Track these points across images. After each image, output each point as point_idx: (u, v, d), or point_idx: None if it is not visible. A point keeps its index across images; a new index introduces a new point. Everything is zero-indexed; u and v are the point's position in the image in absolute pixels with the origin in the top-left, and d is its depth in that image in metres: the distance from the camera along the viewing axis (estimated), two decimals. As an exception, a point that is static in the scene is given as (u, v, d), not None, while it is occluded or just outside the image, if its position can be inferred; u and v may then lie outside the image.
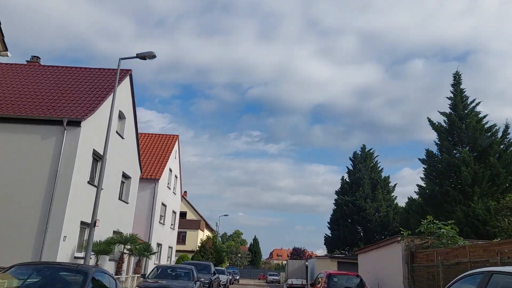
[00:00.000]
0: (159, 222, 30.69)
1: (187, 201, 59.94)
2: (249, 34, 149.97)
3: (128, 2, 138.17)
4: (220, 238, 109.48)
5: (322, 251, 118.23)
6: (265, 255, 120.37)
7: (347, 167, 49.12)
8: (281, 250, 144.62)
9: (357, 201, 43.98)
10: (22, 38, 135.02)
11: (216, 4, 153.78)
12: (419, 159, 25.75)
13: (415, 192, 25.68)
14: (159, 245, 31.15)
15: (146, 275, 14.48)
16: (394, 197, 46.04)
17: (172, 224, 35.56)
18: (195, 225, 54.22)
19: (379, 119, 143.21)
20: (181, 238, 54.22)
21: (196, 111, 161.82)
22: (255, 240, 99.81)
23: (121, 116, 20.16)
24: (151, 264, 26.26)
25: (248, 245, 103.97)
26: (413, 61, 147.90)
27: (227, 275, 31.15)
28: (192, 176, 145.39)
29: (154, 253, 22.69)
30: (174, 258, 37.41)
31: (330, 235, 46.96)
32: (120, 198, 20.73)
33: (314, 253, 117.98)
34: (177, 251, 49.77)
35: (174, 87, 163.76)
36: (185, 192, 63.90)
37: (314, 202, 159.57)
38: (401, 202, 45.94)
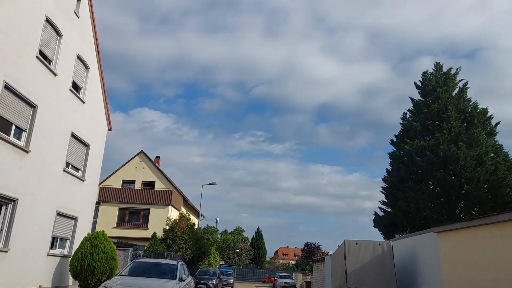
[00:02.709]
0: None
1: (158, 169, 40.58)
2: (254, 31, 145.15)
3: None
4: (219, 236, 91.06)
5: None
6: (269, 254, 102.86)
7: (410, 98, 29.65)
8: (287, 248, 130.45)
9: (441, 147, 24.41)
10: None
11: (221, 0, 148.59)
12: None
13: None
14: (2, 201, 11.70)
15: None
16: (496, 143, 26.38)
17: (73, 167, 16.13)
18: (165, 198, 34.76)
19: (385, 118, 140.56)
20: (142, 219, 34.75)
21: (200, 110, 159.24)
22: (259, 233, 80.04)
23: None
24: None
25: (249, 242, 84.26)
26: (421, 59, 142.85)
27: (184, 278, 11.91)
28: (196, 176, 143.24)
29: None
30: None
31: (388, 209, 27.44)
32: None
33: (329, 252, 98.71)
34: (131, 238, 30.57)
35: (178, 86, 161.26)
36: (158, 157, 44.83)
37: (318, 203, 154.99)
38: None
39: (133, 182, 38.19)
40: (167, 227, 29.99)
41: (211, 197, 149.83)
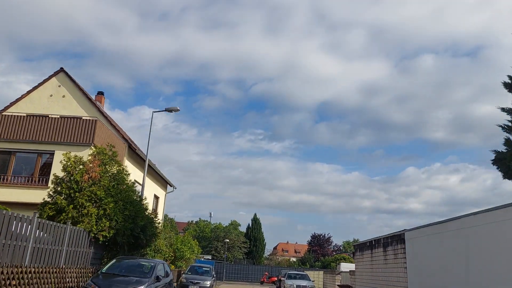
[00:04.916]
0: None
1: (90, 100, 25.12)
2: (255, 27, 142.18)
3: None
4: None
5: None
6: (267, 248, 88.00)
7: None
8: (287, 244, 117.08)
9: None
10: (23, 32, 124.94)
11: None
12: None
13: None
14: None
15: None
16: None
17: None
18: (82, 132, 19.08)
19: (385, 117, 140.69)
20: (39, 170, 19.22)
21: (199, 108, 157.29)
22: (256, 220, 64.42)
23: None
24: None
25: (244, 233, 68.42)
26: (423, 57, 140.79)
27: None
28: (195, 175, 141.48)
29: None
30: None
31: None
32: None
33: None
34: (17, 204, 15.03)
35: (177, 83, 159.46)
36: (101, 93, 29.70)
37: (316, 201, 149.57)
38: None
39: (45, 117, 22.51)
40: (63, 174, 14.39)
41: (209, 195, 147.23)
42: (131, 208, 14.83)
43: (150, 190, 29.38)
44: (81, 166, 14.36)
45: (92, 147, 15.54)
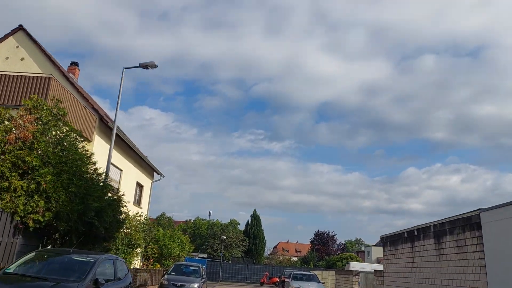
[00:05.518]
0: None
1: (53, 62, 20.97)
2: (255, 27, 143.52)
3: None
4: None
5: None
6: (268, 247, 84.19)
7: None
8: (287, 243, 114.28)
9: None
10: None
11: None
12: None
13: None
14: None
15: None
16: None
17: None
18: (33, 91, 14.87)
19: (385, 117, 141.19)
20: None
21: (200, 108, 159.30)
22: (255, 217, 60.20)
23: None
24: None
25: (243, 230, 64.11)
26: (424, 57, 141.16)
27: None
28: (195, 174, 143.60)
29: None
30: None
31: None
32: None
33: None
34: None
35: (177, 83, 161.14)
36: (75, 64, 25.64)
37: (317, 201, 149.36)
38: None
39: None
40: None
41: (209, 195, 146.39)
42: (80, 183, 10.64)
43: (132, 176, 25.29)
44: (6, 122, 10.21)
45: (26, 100, 11.22)
